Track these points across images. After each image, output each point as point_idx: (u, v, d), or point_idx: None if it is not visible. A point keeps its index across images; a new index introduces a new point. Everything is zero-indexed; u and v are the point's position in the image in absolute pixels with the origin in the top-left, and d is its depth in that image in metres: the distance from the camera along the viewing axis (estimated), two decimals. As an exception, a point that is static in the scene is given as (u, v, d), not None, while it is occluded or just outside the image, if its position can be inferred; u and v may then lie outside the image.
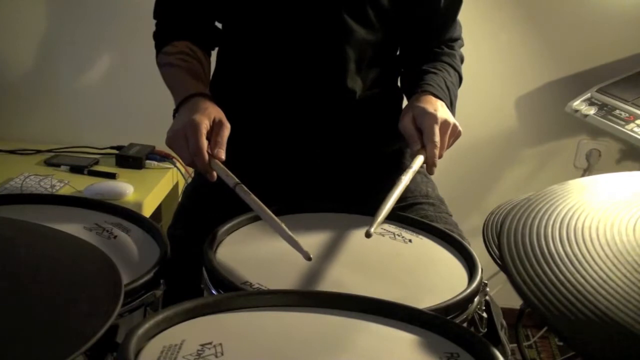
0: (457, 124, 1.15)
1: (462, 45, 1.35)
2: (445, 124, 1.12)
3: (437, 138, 1.09)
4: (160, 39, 1.28)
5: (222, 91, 1.29)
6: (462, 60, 1.33)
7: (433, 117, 1.11)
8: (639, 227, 0.72)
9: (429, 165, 1.10)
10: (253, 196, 0.98)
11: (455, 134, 1.15)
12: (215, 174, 1.03)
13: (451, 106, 1.21)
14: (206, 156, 1.02)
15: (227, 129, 1.07)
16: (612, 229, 0.72)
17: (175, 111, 1.15)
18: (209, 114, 1.07)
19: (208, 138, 1.05)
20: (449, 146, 1.15)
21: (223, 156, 1.04)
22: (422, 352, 0.70)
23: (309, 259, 0.88)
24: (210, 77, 1.31)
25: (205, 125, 1.04)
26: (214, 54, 1.34)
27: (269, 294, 0.80)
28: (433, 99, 1.17)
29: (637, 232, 0.71)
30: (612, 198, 0.80)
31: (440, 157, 1.11)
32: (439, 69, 1.26)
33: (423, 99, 1.17)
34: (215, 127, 1.07)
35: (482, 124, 2.09)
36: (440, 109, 1.14)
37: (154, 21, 1.31)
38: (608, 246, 0.69)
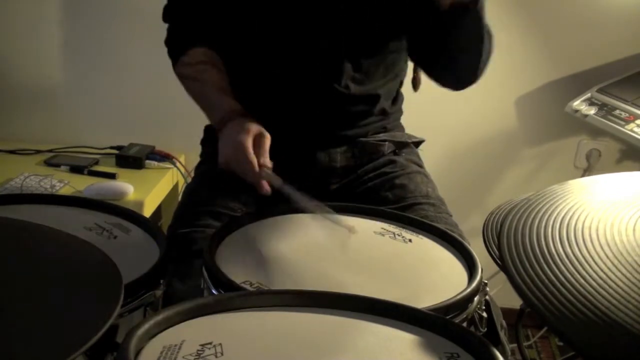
0: None
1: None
2: None
3: None
4: (175, 46, 1.29)
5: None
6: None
7: None
8: (639, 227, 0.72)
9: None
10: (299, 194, 1.05)
11: None
12: (268, 187, 1.08)
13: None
14: (257, 168, 1.08)
15: (268, 139, 1.12)
16: (612, 229, 0.72)
17: (217, 129, 1.19)
18: (250, 130, 1.11)
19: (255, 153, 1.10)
20: None
21: (269, 163, 1.10)
22: (422, 352, 0.70)
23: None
24: None
25: (250, 144, 1.09)
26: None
27: (269, 294, 0.80)
28: None
29: (637, 232, 0.71)
30: (612, 198, 0.80)
31: None
32: None
33: None
34: (257, 139, 1.11)
35: (482, 124, 2.09)
36: None
37: (161, 24, 1.31)
38: (608, 246, 0.69)
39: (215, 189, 1.23)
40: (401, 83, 1.37)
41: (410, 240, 1.04)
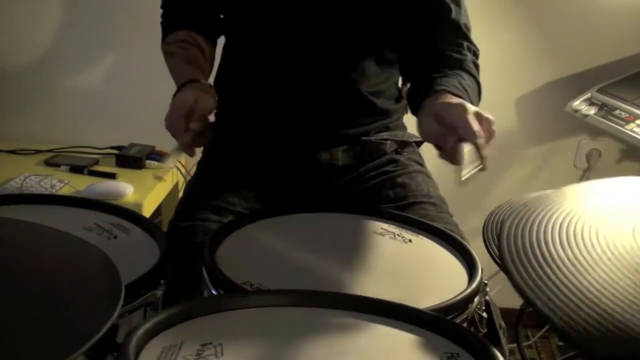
0: (491, 119, 0.99)
1: (473, 52, 1.22)
2: (476, 114, 0.97)
3: (477, 126, 0.95)
4: (165, 27, 1.31)
5: (227, 85, 1.30)
6: (477, 67, 1.21)
7: (462, 107, 0.97)
8: (638, 231, 0.72)
9: (483, 159, 0.96)
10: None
11: (490, 132, 0.99)
12: (194, 151, 1.08)
13: None
14: (184, 133, 1.05)
15: (209, 105, 1.09)
16: (611, 232, 0.72)
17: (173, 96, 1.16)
18: (198, 93, 1.09)
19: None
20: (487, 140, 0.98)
21: (196, 126, 1.05)
22: (422, 352, 0.70)
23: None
24: (214, 68, 1.32)
25: (188, 104, 1.07)
26: (218, 50, 1.34)
27: (269, 294, 0.80)
28: (451, 96, 1.05)
29: (636, 234, 0.71)
30: (611, 203, 0.80)
31: (487, 142, 0.96)
32: (449, 73, 1.15)
33: (441, 97, 1.04)
34: (199, 102, 1.09)
35: (482, 124, 2.08)
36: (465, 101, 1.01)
37: (160, 12, 1.33)
38: (608, 247, 0.69)
39: (216, 183, 1.23)
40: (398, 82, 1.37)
41: (410, 241, 1.04)
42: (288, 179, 1.27)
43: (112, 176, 1.80)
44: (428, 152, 1.43)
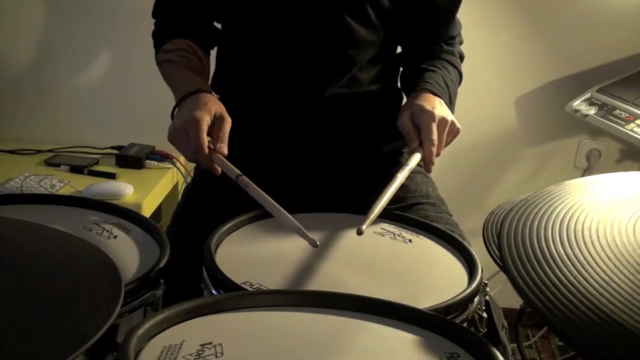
0: (456, 121, 1.15)
1: (461, 42, 1.35)
2: (443, 121, 1.12)
3: (435, 136, 1.10)
4: (160, 37, 1.29)
5: (222, 91, 1.30)
6: (461, 58, 1.33)
7: (430, 115, 1.11)
8: (639, 228, 0.72)
9: (427, 163, 1.10)
10: (255, 187, 0.99)
11: (454, 131, 1.15)
12: (218, 168, 1.05)
13: (450, 104, 1.21)
14: (207, 151, 1.04)
15: (228, 123, 1.08)
16: (612, 230, 0.72)
17: (176, 107, 1.15)
18: (210, 109, 1.07)
19: (210, 133, 1.06)
20: (447, 144, 1.16)
21: (225, 150, 1.05)
22: (422, 352, 0.70)
23: (315, 245, 0.90)
24: (210, 77, 1.31)
25: (205, 121, 1.05)
26: (213, 53, 1.34)
27: (269, 294, 0.80)
28: (431, 96, 1.17)
29: (637, 233, 0.71)
30: (612, 198, 0.80)
31: (437, 155, 1.11)
32: (437, 66, 1.26)
33: (421, 97, 1.17)
34: (217, 121, 1.07)
35: (482, 124, 2.09)
36: (438, 107, 1.14)
37: (153, 20, 1.32)
38: (609, 247, 0.69)
39: (215, 188, 1.23)
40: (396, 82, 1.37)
41: (410, 241, 1.03)
42: (286, 180, 1.27)
43: (112, 176, 1.80)
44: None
